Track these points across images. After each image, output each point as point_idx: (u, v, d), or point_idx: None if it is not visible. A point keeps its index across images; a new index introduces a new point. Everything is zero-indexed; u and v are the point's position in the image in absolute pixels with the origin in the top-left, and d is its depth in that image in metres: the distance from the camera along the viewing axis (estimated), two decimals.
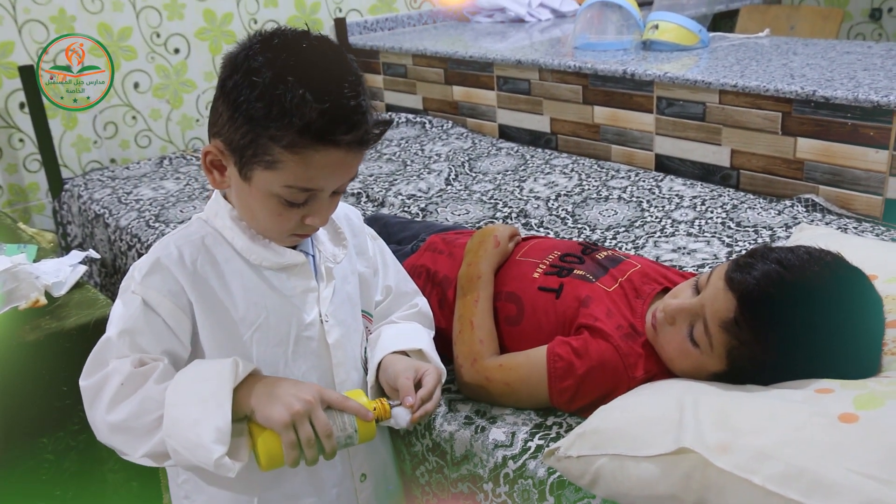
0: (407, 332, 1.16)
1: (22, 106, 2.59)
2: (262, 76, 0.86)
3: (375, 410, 0.98)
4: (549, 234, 1.88)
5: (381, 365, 1.09)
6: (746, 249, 1.36)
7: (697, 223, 1.86)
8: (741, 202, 1.94)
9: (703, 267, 1.62)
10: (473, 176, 2.33)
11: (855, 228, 1.75)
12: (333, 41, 0.94)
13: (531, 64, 2.55)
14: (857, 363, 1.00)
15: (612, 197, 2.06)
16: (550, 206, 2.04)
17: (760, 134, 2.04)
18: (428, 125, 2.86)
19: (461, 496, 1.18)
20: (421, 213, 2.07)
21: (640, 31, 2.61)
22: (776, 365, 1.00)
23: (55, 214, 2.61)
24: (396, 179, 2.33)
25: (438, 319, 1.30)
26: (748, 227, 1.81)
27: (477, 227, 1.89)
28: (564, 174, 2.26)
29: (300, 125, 0.86)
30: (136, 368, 0.92)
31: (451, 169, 2.37)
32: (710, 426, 0.89)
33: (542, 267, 1.28)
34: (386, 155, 2.59)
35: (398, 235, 1.63)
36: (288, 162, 0.89)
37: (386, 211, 2.10)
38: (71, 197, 2.51)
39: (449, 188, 2.25)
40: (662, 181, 2.13)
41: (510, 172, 2.32)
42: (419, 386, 1.04)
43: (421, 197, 2.18)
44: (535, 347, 1.18)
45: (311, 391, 0.92)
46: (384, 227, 1.68)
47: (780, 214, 1.86)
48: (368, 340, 1.16)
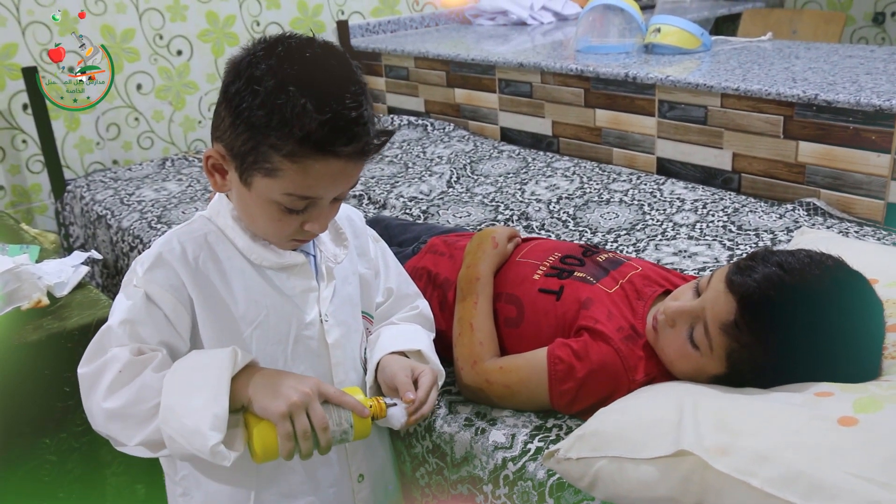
0: (406, 333, 1.16)
1: (25, 107, 2.60)
2: (263, 84, 0.86)
3: (372, 408, 0.98)
4: (550, 236, 1.88)
5: (379, 365, 1.10)
6: (747, 253, 1.36)
7: (699, 226, 1.86)
8: (742, 205, 1.95)
9: (704, 270, 1.62)
10: (475, 178, 2.33)
11: (856, 232, 1.75)
12: (339, 49, 0.94)
13: (533, 67, 2.56)
14: (857, 367, 1.00)
15: (613, 200, 2.07)
16: (552, 208, 2.04)
17: (762, 137, 2.04)
18: (430, 128, 2.86)
19: (461, 498, 1.18)
20: (422, 215, 2.07)
21: (642, 34, 2.61)
22: (776, 368, 1.00)
23: (58, 215, 2.62)
24: (398, 182, 2.34)
25: (439, 321, 1.30)
26: (749, 230, 1.81)
27: (478, 229, 1.89)
28: (566, 177, 2.26)
29: (300, 135, 0.86)
30: (135, 356, 0.93)
31: (452, 171, 2.37)
32: (709, 429, 0.90)
33: (542, 269, 1.28)
34: (388, 157, 2.59)
35: (399, 237, 1.63)
36: (287, 170, 0.89)
37: (387, 213, 2.10)
38: (73, 198, 2.52)
39: (450, 190, 2.25)
40: (664, 184, 2.13)
41: (512, 175, 2.32)
42: (415, 387, 1.05)
43: (422, 199, 2.19)
44: (535, 349, 1.18)
45: (309, 384, 0.92)
46: (385, 229, 1.68)
47: (781, 218, 1.86)
48: (368, 341, 1.16)
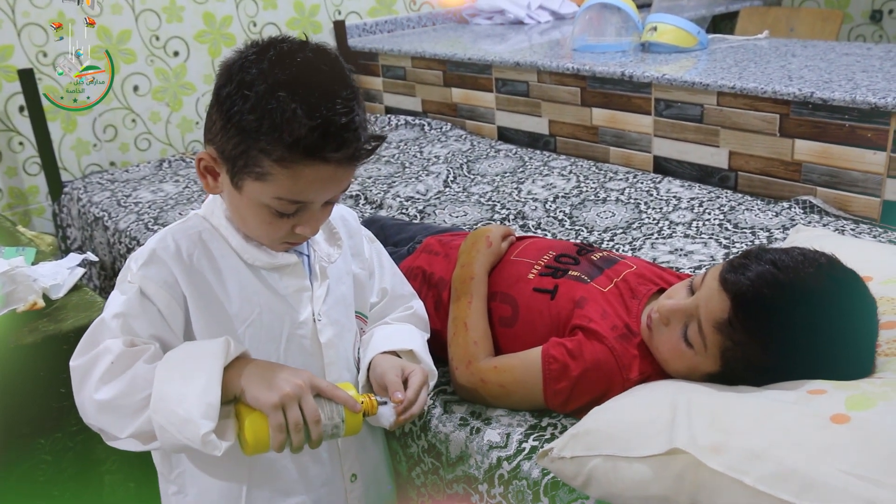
0: (399, 332, 1.16)
1: (21, 109, 2.60)
2: (254, 89, 0.86)
3: (363, 404, 0.98)
4: (546, 235, 1.88)
5: (370, 364, 1.10)
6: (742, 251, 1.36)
7: (695, 225, 1.86)
8: (739, 204, 1.94)
9: (700, 268, 1.62)
10: (472, 178, 2.33)
11: (852, 230, 1.75)
12: (332, 52, 0.93)
13: (530, 66, 2.56)
14: (850, 364, 1.00)
15: (609, 199, 2.07)
16: (548, 207, 2.04)
17: (758, 136, 2.04)
18: (427, 127, 2.86)
19: (456, 497, 1.18)
20: (419, 214, 2.07)
21: (638, 32, 2.61)
22: (770, 366, 1.00)
23: (55, 217, 2.62)
24: (395, 181, 2.34)
25: (434, 321, 1.30)
26: (745, 228, 1.81)
27: (474, 228, 1.89)
28: (563, 176, 2.26)
29: (290, 141, 0.86)
30: (127, 348, 0.93)
31: (449, 171, 2.37)
32: (702, 427, 0.90)
33: (536, 268, 1.28)
34: (384, 157, 2.59)
35: (395, 237, 1.63)
36: (278, 175, 0.89)
37: (384, 213, 2.10)
38: (70, 200, 2.52)
39: (447, 190, 2.25)
40: (660, 183, 2.13)
41: (508, 174, 2.32)
42: (405, 387, 1.05)
43: (419, 199, 2.19)
44: (529, 349, 1.18)
45: (302, 376, 0.92)
46: (381, 229, 1.68)
47: (777, 216, 1.86)
48: (361, 341, 1.16)
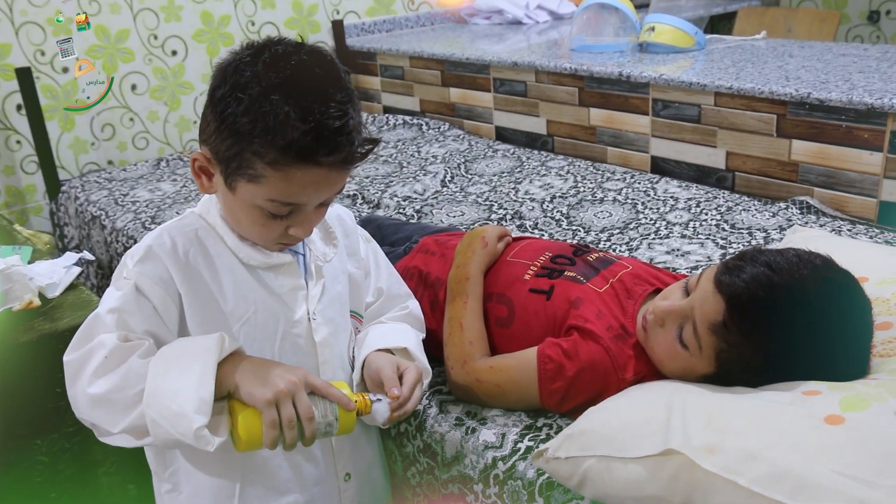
0: (394, 330, 1.17)
1: (19, 108, 2.60)
2: (248, 91, 0.87)
3: (357, 403, 0.98)
4: (543, 235, 1.89)
5: (365, 361, 1.10)
6: (738, 252, 1.36)
7: (692, 225, 1.86)
8: (736, 204, 1.95)
9: (696, 269, 1.62)
10: (469, 178, 2.33)
11: (849, 231, 1.75)
12: (327, 55, 0.93)
13: (527, 66, 2.56)
14: (844, 365, 1.00)
15: (606, 199, 2.07)
16: (546, 207, 2.04)
17: (755, 136, 2.04)
18: (424, 127, 2.86)
19: (452, 497, 1.18)
20: (416, 214, 2.07)
21: (636, 33, 2.61)
22: (764, 367, 1.00)
23: (52, 216, 2.62)
24: (392, 181, 2.34)
25: (430, 321, 1.30)
26: (742, 229, 1.81)
27: (471, 228, 1.89)
28: (560, 176, 2.26)
29: (283, 143, 0.86)
30: (122, 343, 0.93)
31: (447, 171, 2.37)
32: (697, 428, 0.90)
33: (533, 268, 1.28)
34: (382, 157, 2.60)
35: (392, 237, 1.63)
36: (270, 177, 0.89)
37: (381, 213, 2.10)
38: (68, 199, 2.52)
39: (444, 190, 2.25)
40: (658, 183, 2.13)
41: (506, 174, 2.32)
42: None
43: (416, 199, 2.19)
44: (525, 349, 1.18)
45: (297, 373, 0.92)
46: (378, 228, 1.68)
47: (774, 217, 1.86)
48: (356, 340, 1.16)
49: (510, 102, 2.69)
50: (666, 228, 1.85)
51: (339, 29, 3.22)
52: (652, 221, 1.90)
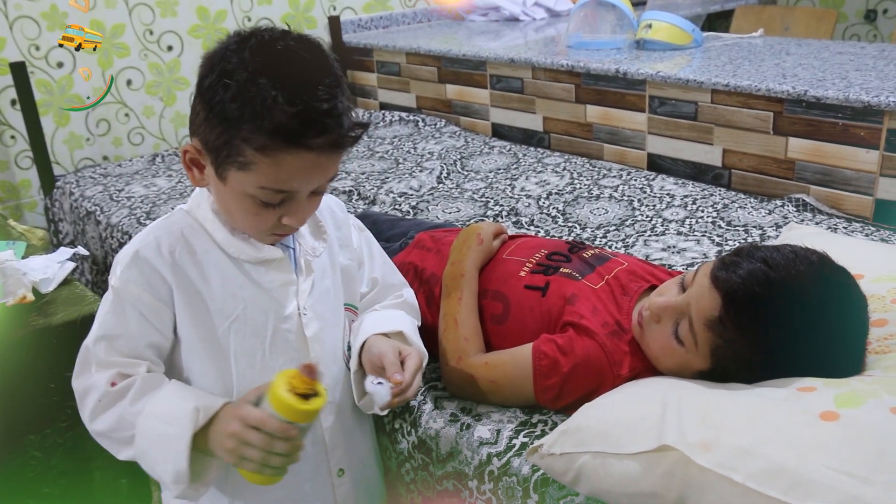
0: (389, 315, 1.17)
1: (13, 103, 2.59)
2: (235, 77, 0.86)
3: (293, 387, 0.89)
4: (539, 232, 1.88)
5: (364, 345, 1.10)
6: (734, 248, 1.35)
7: (688, 222, 1.86)
8: (732, 201, 1.95)
9: (692, 266, 1.62)
10: (465, 174, 2.33)
11: (845, 228, 1.75)
12: (315, 41, 0.92)
13: (524, 62, 2.55)
14: (840, 362, 0.99)
15: (603, 196, 2.06)
16: (542, 204, 2.04)
17: (752, 133, 2.04)
18: (421, 123, 2.86)
19: (446, 493, 1.18)
20: (412, 210, 2.07)
21: (633, 30, 2.61)
22: (760, 363, 1.00)
23: (47, 212, 2.61)
24: (388, 177, 2.33)
25: (426, 316, 1.30)
26: (738, 226, 1.81)
27: (466, 225, 1.89)
28: (556, 173, 2.26)
29: (271, 128, 0.86)
30: (111, 388, 0.97)
31: (443, 167, 2.37)
32: (692, 424, 0.90)
33: (528, 265, 1.28)
34: (378, 153, 2.59)
35: (387, 233, 1.63)
36: (260, 164, 0.89)
37: (377, 209, 2.10)
38: (63, 194, 2.51)
39: (441, 186, 2.24)
40: (654, 180, 2.13)
41: (502, 171, 2.32)
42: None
43: (412, 195, 2.18)
44: (520, 345, 1.18)
45: (232, 424, 0.91)
46: (373, 224, 1.67)
47: (770, 214, 1.86)
48: (352, 328, 1.16)
49: (507, 99, 2.69)
50: (662, 225, 1.85)
51: (335, 25, 3.22)
52: (648, 218, 1.90)
